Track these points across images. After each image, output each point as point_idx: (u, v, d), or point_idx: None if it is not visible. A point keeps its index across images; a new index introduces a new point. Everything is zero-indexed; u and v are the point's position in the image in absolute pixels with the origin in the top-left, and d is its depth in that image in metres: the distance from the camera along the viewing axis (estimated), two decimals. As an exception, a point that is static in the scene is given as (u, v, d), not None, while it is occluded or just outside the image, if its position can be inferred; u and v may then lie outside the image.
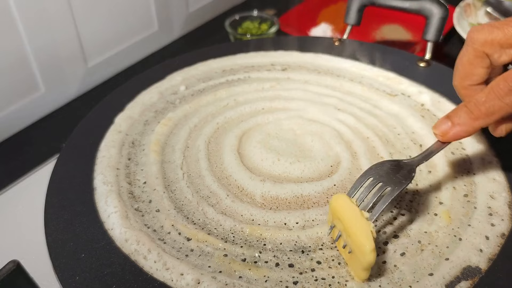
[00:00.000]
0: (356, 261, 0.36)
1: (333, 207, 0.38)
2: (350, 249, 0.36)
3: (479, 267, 0.38)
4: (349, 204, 0.37)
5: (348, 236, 0.36)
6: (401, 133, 0.52)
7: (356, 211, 0.37)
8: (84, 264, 0.39)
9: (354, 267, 0.37)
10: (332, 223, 0.39)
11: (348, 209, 0.37)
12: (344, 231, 0.37)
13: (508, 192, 0.44)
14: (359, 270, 0.36)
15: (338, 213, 0.37)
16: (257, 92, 0.59)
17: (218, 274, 0.38)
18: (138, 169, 0.48)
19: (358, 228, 0.36)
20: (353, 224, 0.36)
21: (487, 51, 0.37)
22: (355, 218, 0.36)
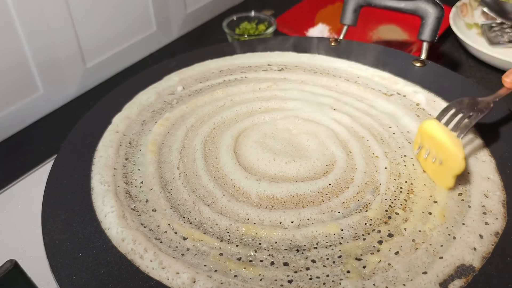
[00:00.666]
0: (445, 171, 0.44)
1: (424, 128, 0.46)
2: (441, 161, 0.44)
3: (473, 266, 0.38)
4: (440, 125, 0.45)
5: (440, 150, 0.44)
6: (396, 133, 0.52)
7: (446, 130, 0.45)
8: (81, 263, 0.39)
9: (442, 177, 0.44)
10: (420, 144, 0.47)
11: (440, 128, 0.45)
12: (436, 147, 0.44)
13: (502, 190, 0.44)
14: (448, 178, 0.43)
15: (430, 133, 0.45)
16: (254, 92, 0.59)
17: (213, 273, 0.38)
18: (135, 169, 0.49)
19: (450, 141, 0.43)
20: (445, 139, 0.44)
21: None
22: (447, 135, 0.44)
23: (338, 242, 0.40)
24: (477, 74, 0.79)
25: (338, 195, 0.45)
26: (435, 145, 0.44)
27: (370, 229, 0.41)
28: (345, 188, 0.46)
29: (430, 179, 0.46)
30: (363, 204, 0.44)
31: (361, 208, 0.43)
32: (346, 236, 0.41)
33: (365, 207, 0.43)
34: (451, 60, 0.83)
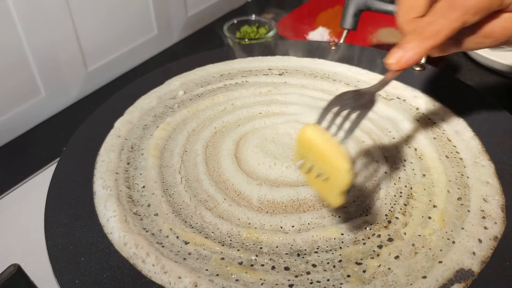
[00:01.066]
0: (332, 186, 0.36)
1: (303, 139, 0.37)
2: (326, 176, 0.36)
3: (472, 270, 0.38)
4: (319, 131, 0.37)
5: (323, 163, 0.36)
6: (396, 137, 0.52)
7: (327, 137, 0.37)
8: (83, 267, 0.39)
9: (330, 193, 0.36)
10: (302, 157, 0.38)
11: (319, 136, 0.37)
12: (318, 159, 0.36)
13: (501, 195, 0.45)
14: (336, 195, 0.36)
15: (309, 143, 0.37)
16: (255, 96, 0.59)
17: (215, 277, 0.38)
18: (137, 174, 0.49)
19: (333, 152, 0.35)
20: (327, 149, 0.36)
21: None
22: (328, 144, 0.36)
23: (338, 246, 0.41)
24: (476, 77, 0.79)
25: (338, 200, 0.45)
26: (318, 157, 0.37)
27: (370, 233, 0.42)
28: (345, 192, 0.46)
29: (424, 188, 0.46)
30: (363, 208, 0.44)
31: (361, 213, 0.44)
32: (346, 240, 0.41)
33: (365, 212, 0.44)
34: (451, 64, 0.83)
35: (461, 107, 0.55)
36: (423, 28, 0.37)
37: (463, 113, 0.54)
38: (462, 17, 0.36)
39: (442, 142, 0.51)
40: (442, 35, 0.37)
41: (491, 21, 0.38)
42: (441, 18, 0.37)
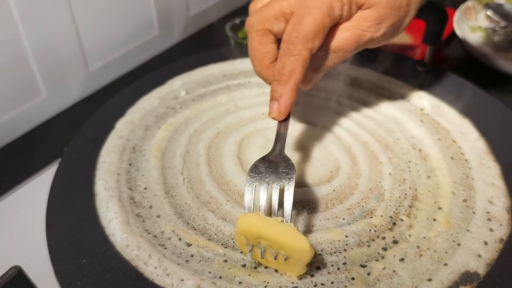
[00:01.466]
0: (294, 263, 0.37)
1: (245, 230, 0.37)
2: (285, 256, 0.36)
3: (477, 272, 0.38)
4: (261, 219, 0.37)
5: (281, 248, 0.36)
6: (401, 138, 0.52)
7: (271, 221, 0.37)
8: (85, 269, 0.39)
9: (292, 269, 0.37)
10: (248, 245, 0.38)
11: (265, 225, 0.36)
12: (272, 244, 0.36)
13: (507, 197, 0.44)
14: (299, 269, 0.37)
15: (255, 232, 0.36)
16: (257, 97, 0.59)
17: (218, 279, 0.38)
18: (139, 175, 0.49)
19: (285, 234, 0.36)
20: (278, 233, 0.36)
21: (267, 27, 0.40)
22: (275, 227, 0.36)
23: (342, 248, 0.40)
24: (481, 78, 0.79)
25: (342, 201, 0.45)
26: (271, 242, 0.36)
27: (374, 235, 0.41)
28: (350, 194, 0.45)
29: (429, 190, 0.46)
30: (368, 210, 0.44)
31: (366, 215, 0.43)
32: (351, 242, 0.41)
33: (369, 214, 0.43)
34: (455, 64, 0.83)
35: (466, 108, 0.54)
36: (279, 73, 0.39)
37: (468, 114, 0.53)
38: (304, 47, 0.38)
39: (447, 143, 0.51)
40: (298, 71, 0.39)
41: (333, 37, 0.40)
42: (288, 57, 0.39)
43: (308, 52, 0.38)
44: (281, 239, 0.36)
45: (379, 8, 0.40)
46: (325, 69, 0.42)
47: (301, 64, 0.39)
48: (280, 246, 0.36)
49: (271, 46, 0.41)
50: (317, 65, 0.41)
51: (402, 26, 0.44)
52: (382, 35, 0.42)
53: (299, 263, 0.36)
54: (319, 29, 0.38)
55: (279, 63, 0.39)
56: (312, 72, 0.42)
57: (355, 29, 0.40)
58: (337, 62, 0.42)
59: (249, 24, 0.41)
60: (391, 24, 0.42)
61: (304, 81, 0.42)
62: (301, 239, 0.35)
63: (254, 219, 0.36)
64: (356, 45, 0.41)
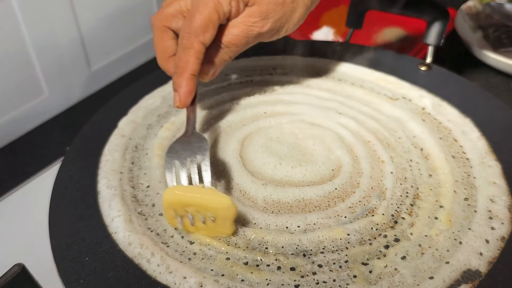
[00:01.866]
0: (222, 223, 0.40)
1: (171, 202, 0.40)
2: (213, 218, 0.39)
3: (479, 271, 0.38)
4: (183, 188, 0.41)
5: (205, 209, 0.39)
6: (402, 137, 0.52)
7: (194, 188, 0.41)
8: (88, 267, 0.39)
9: (222, 229, 0.41)
10: (177, 216, 0.40)
11: (187, 192, 0.40)
12: (199, 209, 0.39)
13: (508, 195, 0.44)
14: (228, 227, 0.40)
15: (181, 202, 0.39)
16: (259, 96, 0.59)
17: (220, 277, 0.38)
18: (142, 173, 0.49)
19: (207, 195, 0.39)
20: (202, 197, 0.39)
21: (166, 24, 0.46)
22: (200, 192, 0.40)
23: (344, 246, 0.40)
24: (482, 77, 0.79)
25: (344, 200, 0.45)
26: (197, 208, 0.39)
27: (376, 234, 0.41)
28: (351, 192, 0.46)
29: (430, 189, 0.46)
30: (369, 209, 0.44)
31: (367, 213, 0.43)
32: (353, 241, 0.41)
33: (371, 212, 0.44)
34: (456, 64, 0.83)
35: (467, 107, 0.54)
36: (177, 65, 0.43)
37: (469, 113, 0.54)
38: (196, 40, 0.42)
39: (448, 142, 0.51)
40: (192, 62, 0.43)
41: (224, 33, 0.44)
42: (183, 50, 0.43)
43: (200, 45, 0.42)
44: (204, 201, 0.39)
45: (263, 4, 0.44)
46: (221, 63, 0.46)
47: (194, 56, 0.43)
48: (205, 208, 0.39)
49: (171, 42, 0.46)
50: (213, 59, 0.45)
51: (290, 22, 0.47)
52: (269, 30, 0.46)
53: (226, 221, 0.40)
54: (208, 23, 0.42)
55: (176, 57, 0.44)
56: (209, 66, 0.46)
57: (243, 25, 0.44)
58: (232, 56, 0.46)
59: (152, 21, 0.46)
60: (277, 19, 0.45)
61: (202, 74, 0.46)
62: (223, 197, 0.39)
63: (177, 189, 0.40)
64: (246, 40, 0.45)
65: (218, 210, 0.39)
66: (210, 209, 0.39)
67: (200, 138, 0.44)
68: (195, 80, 0.44)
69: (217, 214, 0.39)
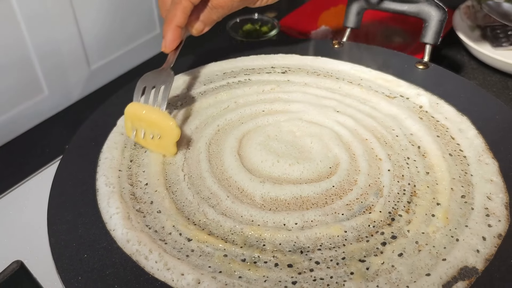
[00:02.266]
0: (166, 142, 0.48)
1: (131, 113, 0.49)
2: (159, 135, 0.48)
3: (476, 268, 0.38)
4: (142, 106, 0.49)
5: (154, 126, 0.48)
6: (399, 135, 0.52)
7: (150, 108, 0.48)
8: (86, 264, 0.39)
9: (166, 148, 0.49)
10: (133, 128, 0.49)
11: (143, 108, 0.48)
12: (149, 126, 0.48)
13: (505, 193, 0.45)
14: (171, 147, 0.49)
15: (137, 115, 0.48)
16: (258, 94, 0.59)
17: (218, 274, 0.38)
18: (140, 171, 0.49)
19: (159, 116, 0.48)
20: (154, 116, 0.47)
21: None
22: (153, 112, 0.48)
23: (341, 244, 0.41)
24: (479, 76, 0.79)
25: (341, 197, 0.45)
26: (146, 124, 0.48)
27: (373, 231, 0.42)
28: (349, 190, 0.46)
29: (428, 186, 0.46)
30: (367, 206, 0.44)
31: (365, 210, 0.44)
32: (350, 238, 0.41)
33: (368, 209, 0.44)
34: (454, 62, 0.83)
35: (464, 105, 0.55)
36: (166, 17, 0.50)
37: (466, 111, 0.54)
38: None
39: (445, 140, 0.51)
40: (178, 16, 0.49)
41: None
42: (174, 5, 0.49)
43: (188, 2, 0.48)
44: (153, 119, 0.47)
45: None
46: (210, 21, 0.53)
47: (181, 11, 0.49)
48: (154, 125, 0.47)
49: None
50: (203, 17, 0.52)
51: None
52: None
53: (169, 141, 0.48)
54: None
55: (168, 10, 0.51)
56: (200, 23, 0.53)
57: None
58: (219, 16, 0.53)
59: None
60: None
61: (192, 29, 0.53)
62: (169, 119, 0.47)
63: (136, 105, 0.49)
64: (231, 3, 0.51)
65: (163, 129, 0.47)
66: (157, 127, 0.47)
67: (169, 73, 0.52)
68: (180, 31, 0.51)
69: (162, 132, 0.47)
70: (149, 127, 0.48)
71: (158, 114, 0.47)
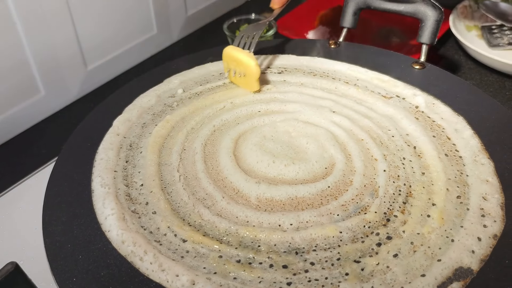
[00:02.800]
0: (249, 79, 0.57)
1: (226, 54, 0.59)
2: (243, 74, 0.57)
3: (471, 268, 0.38)
4: (235, 48, 0.58)
5: (241, 66, 0.57)
6: (395, 135, 0.52)
7: (240, 50, 0.58)
8: (81, 265, 0.39)
9: (250, 85, 0.58)
10: (227, 68, 0.60)
11: (236, 50, 0.58)
12: (237, 65, 0.58)
13: (501, 193, 0.45)
14: (254, 84, 0.58)
15: (230, 56, 0.58)
16: (254, 95, 0.59)
17: (213, 275, 0.38)
18: (136, 172, 0.49)
19: (244, 56, 0.57)
20: (241, 56, 0.57)
21: None
22: (241, 53, 0.57)
23: (337, 244, 0.41)
24: (476, 76, 0.79)
25: (337, 198, 0.45)
26: (236, 64, 0.57)
27: (368, 231, 0.42)
28: (344, 190, 0.46)
29: (423, 186, 0.46)
30: (362, 206, 0.44)
31: (360, 211, 0.44)
32: (345, 238, 0.41)
33: (363, 210, 0.44)
34: (451, 63, 0.83)
35: (460, 106, 0.55)
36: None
37: (462, 112, 0.54)
38: None
39: (441, 140, 0.51)
40: None
41: None
42: None
43: None
44: (240, 58, 0.57)
45: None
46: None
47: None
48: (241, 64, 0.57)
49: None
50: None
51: None
52: None
53: (251, 78, 0.57)
54: None
55: None
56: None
57: None
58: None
59: None
60: None
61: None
62: (251, 59, 0.56)
63: (230, 47, 0.59)
64: None
65: (246, 67, 0.57)
66: (243, 66, 0.57)
67: (264, 24, 0.63)
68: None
69: (246, 70, 0.57)
70: (238, 66, 0.57)
71: (244, 55, 0.56)
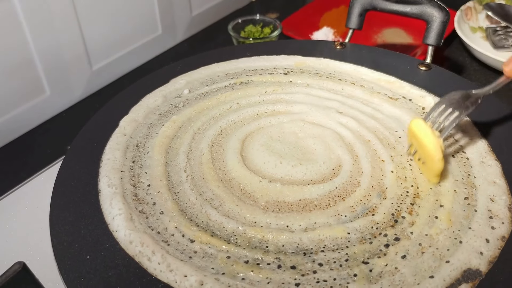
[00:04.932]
0: (428, 169, 0.46)
1: (411, 129, 0.47)
2: (423, 160, 0.46)
3: (479, 270, 0.38)
4: (424, 125, 0.46)
5: (422, 150, 0.46)
6: (402, 136, 0.52)
7: (429, 130, 0.46)
8: (89, 265, 0.39)
9: (427, 174, 0.46)
10: (410, 142, 0.49)
11: (423, 128, 0.46)
12: (419, 146, 0.46)
13: (508, 195, 0.44)
14: (432, 177, 0.46)
15: (414, 132, 0.47)
16: (260, 95, 0.59)
17: (221, 275, 0.38)
18: (143, 172, 0.49)
19: (429, 143, 0.45)
20: (425, 140, 0.45)
21: None
22: (427, 136, 0.45)
23: (345, 245, 0.40)
24: (481, 77, 0.79)
25: (344, 199, 0.45)
26: (418, 144, 0.46)
27: (376, 232, 0.42)
28: (352, 191, 0.46)
29: (431, 188, 0.46)
30: (370, 208, 0.44)
31: (368, 212, 0.44)
32: (353, 239, 0.41)
33: (371, 211, 0.44)
34: (456, 64, 0.83)
35: (467, 107, 0.54)
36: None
37: (469, 113, 0.53)
38: None
39: (448, 141, 0.51)
40: None
41: None
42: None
43: None
44: (425, 142, 0.45)
45: None
46: None
47: None
48: (423, 147, 0.46)
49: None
50: None
51: None
52: None
53: (431, 170, 0.45)
54: None
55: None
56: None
57: None
58: None
59: None
60: None
61: None
62: (436, 151, 0.44)
63: (419, 122, 0.47)
64: None
65: (427, 155, 0.45)
66: (424, 151, 0.45)
67: (475, 101, 0.47)
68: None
69: (426, 159, 0.46)
70: (420, 148, 0.46)
71: (430, 141, 0.45)
